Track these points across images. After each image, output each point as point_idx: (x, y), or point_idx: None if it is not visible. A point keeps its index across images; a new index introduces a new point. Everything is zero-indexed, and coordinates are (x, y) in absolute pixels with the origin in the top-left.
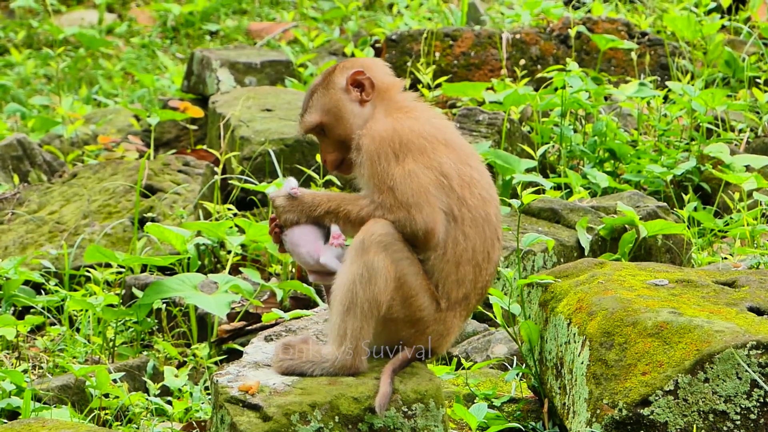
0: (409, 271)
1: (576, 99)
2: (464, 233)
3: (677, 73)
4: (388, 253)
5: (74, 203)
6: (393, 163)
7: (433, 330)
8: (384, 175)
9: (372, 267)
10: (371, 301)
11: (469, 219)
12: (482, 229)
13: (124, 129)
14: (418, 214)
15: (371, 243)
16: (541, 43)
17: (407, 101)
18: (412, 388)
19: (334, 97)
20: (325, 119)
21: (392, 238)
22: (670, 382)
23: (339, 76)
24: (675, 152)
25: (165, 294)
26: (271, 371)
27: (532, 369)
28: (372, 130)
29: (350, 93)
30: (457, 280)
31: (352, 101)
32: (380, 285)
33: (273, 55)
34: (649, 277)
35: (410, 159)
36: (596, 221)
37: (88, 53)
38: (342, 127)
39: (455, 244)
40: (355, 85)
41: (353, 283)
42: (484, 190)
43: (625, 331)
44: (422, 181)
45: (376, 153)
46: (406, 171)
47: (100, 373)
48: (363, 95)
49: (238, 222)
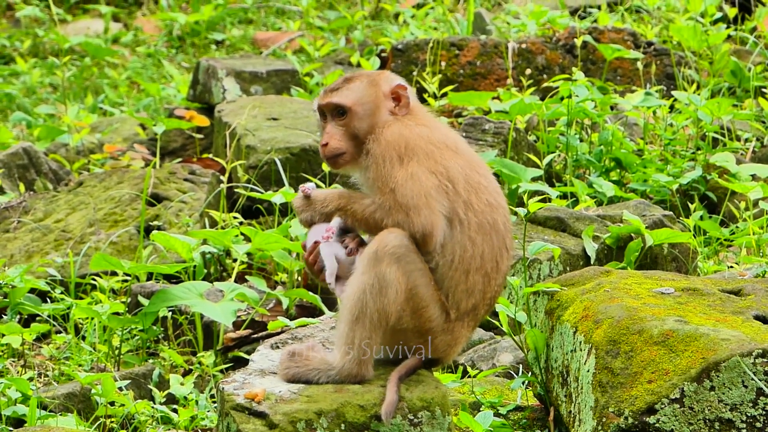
0: (421, 282)
1: (582, 108)
2: (471, 239)
3: (683, 83)
4: (401, 265)
5: (80, 211)
6: (397, 166)
7: (442, 340)
8: (387, 177)
9: (384, 278)
10: (381, 312)
11: (475, 224)
12: (490, 237)
13: (130, 138)
14: (416, 216)
15: (384, 254)
16: (547, 53)
17: (428, 116)
18: (418, 395)
19: (374, 95)
20: (356, 107)
21: (406, 250)
22: (676, 391)
23: (385, 81)
24: (681, 161)
25: (171, 302)
26: (277, 379)
27: (538, 377)
28: (381, 135)
29: (388, 101)
30: (466, 290)
31: (386, 109)
32: (391, 296)
33: (279, 65)
34: (655, 285)
35: (414, 162)
36: (602, 230)
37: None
38: (366, 123)
39: (463, 250)
40: (394, 96)
41: (364, 293)
42: (491, 196)
43: (631, 339)
44: (424, 184)
45: (382, 156)
46: (409, 173)
47: (106, 381)
48: (396, 108)
49: (244, 230)
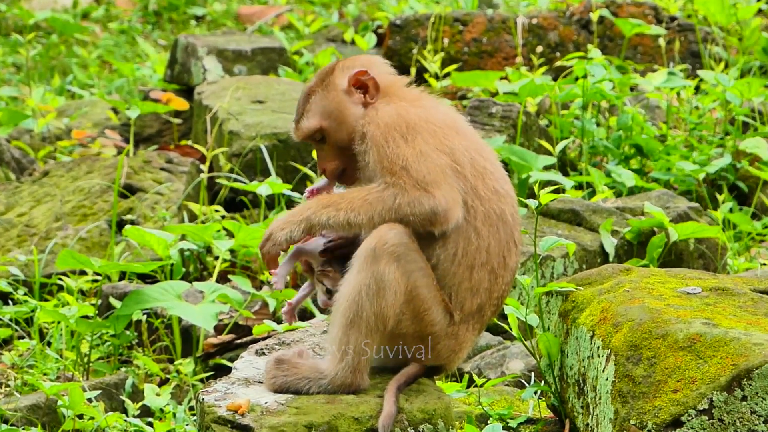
0: (422, 283)
1: (599, 89)
2: (476, 230)
3: (710, 61)
4: (401, 264)
5: (45, 204)
6: (402, 145)
7: (445, 345)
8: (394, 156)
9: (381, 279)
10: (378, 315)
11: (481, 213)
12: (496, 229)
13: (101, 123)
14: (437, 191)
15: (383, 252)
16: (560, 29)
17: (412, 93)
18: (418, 407)
19: (335, 100)
20: (325, 124)
21: (406, 249)
22: (704, 401)
23: (339, 77)
24: (708, 148)
25: (145, 304)
26: (262, 389)
27: (551, 386)
28: (376, 118)
29: (352, 95)
30: (471, 288)
31: (355, 104)
32: (389, 299)
33: (265, 42)
34: (680, 284)
35: (420, 140)
36: (621, 223)
37: (61, 40)
38: (344, 131)
39: (467, 243)
40: (357, 86)
41: (359, 294)
42: (498, 183)
43: (654, 344)
44: (436, 161)
45: (383, 138)
46: (417, 151)
47: (74, 392)
48: (367, 97)
49: (227, 225)
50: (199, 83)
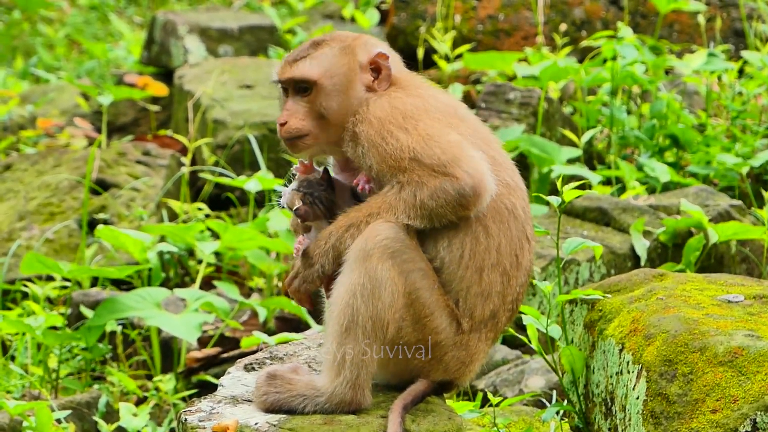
0: (423, 285)
1: (630, 73)
2: (486, 228)
3: (755, 41)
4: (396, 263)
5: (8, 202)
6: (403, 136)
7: (453, 356)
8: (397, 151)
9: (375, 277)
10: (375, 319)
11: (491, 209)
12: (507, 225)
13: (70, 110)
14: (457, 169)
15: (374, 247)
16: (587, 4)
17: (408, 82)
18: (427, 428)
19: (347, 66)
20: (323, 81)
21: (401, 245)
22: (747, 422)
23: (362, 48)
24: (752, 139)
25: (121, 314)
26: (252, 408)
27: (575, 406)
28: (367, 114)
29: (365, 72)
30: (481, 293)
31: (362, 83)
32: (385, 300)
33: (254, 19)
34: (721, 292)
35: (422, 126)
36: (655, 223)
37: (24, 16)
38: (335, 102)
39: (475, 243)
40: (373, 66)
41: (353, 296)
42: (507, 175)
43: (690, 358)
44: (447, 138)
45: (379, 135)
46: (422, 136)
47: (41, 412)
48: (375, 83)
49: (211, 225)
50: (180, 66)
